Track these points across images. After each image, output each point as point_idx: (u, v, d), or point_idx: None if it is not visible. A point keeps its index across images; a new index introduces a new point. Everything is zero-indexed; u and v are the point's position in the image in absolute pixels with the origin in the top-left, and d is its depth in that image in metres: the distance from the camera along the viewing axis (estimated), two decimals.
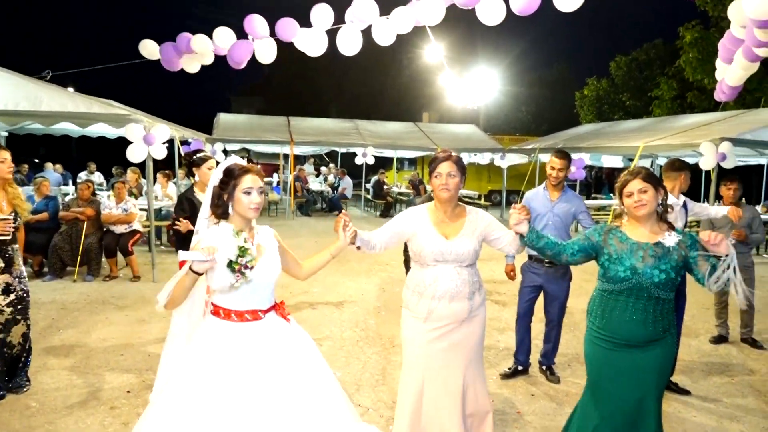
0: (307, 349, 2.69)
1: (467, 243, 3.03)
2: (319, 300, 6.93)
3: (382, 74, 36.27)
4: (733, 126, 10.70)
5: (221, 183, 2.54)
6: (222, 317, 2.52)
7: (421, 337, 3.05)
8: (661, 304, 2.68)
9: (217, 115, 17.45)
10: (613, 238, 2.80)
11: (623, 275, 2.68)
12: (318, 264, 2.86)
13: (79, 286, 7.32)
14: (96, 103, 7.76)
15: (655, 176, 2.72)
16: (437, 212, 3.12)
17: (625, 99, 24.34)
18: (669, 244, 2.67)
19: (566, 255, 2.92)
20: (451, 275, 3.01)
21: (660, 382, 2.74)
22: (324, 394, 2.64)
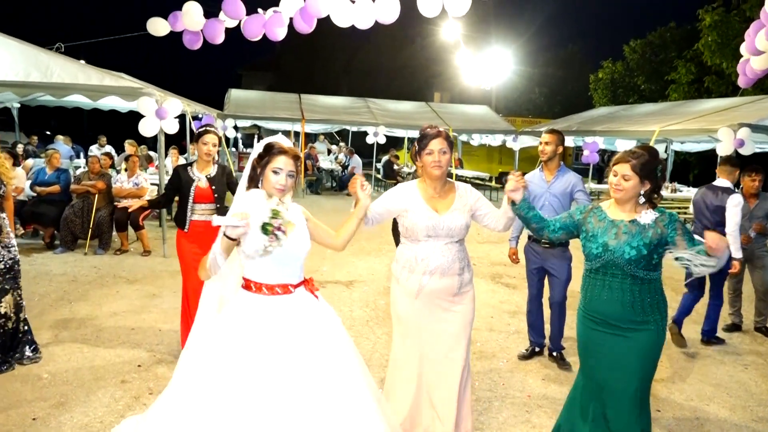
0: (334, 327, 2.71)
1: (459, 217, 3.05)
2: (328, 279, 6.92)
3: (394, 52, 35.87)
4: (752, 111, 10.49)
5: (258, 157, 2.59)
6: (253, 291, 2.55)
7: (414, 312, 3.08)
8: (640, 284, 2.66)
9: (229, 90, 17.33)
10: (593, 216, 2.83)
11: (596, 252, 2.72)
12: (350, 230, 2.87)
13: (90, 259, 7.35)
14: (108, 75, 7.70)
15: (649, 168, 2.63)
16: (427, 188, 3.12)
17: (641, 83, 23.95)
18: (644, 221, 2.66)
19: (548, 231, 2.97)
20: (443, 251, 3.03)
21: (643, 370, 2.70)
22: (347, 371, 2.65)
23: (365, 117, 16.48)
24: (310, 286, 2.70)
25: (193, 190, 4.18)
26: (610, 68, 25.26)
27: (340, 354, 2.64)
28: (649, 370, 2.75)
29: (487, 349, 4.86)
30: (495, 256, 8.45)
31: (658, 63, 23.51)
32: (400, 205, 3.10)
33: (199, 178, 4.20)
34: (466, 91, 28.82)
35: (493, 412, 3.73)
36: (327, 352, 2.58)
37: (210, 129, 4.23)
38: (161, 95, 7.67)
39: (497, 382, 4.21)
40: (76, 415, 3.44)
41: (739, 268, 5.02)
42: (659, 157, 2.69)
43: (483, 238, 9.89)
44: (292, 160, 2.58)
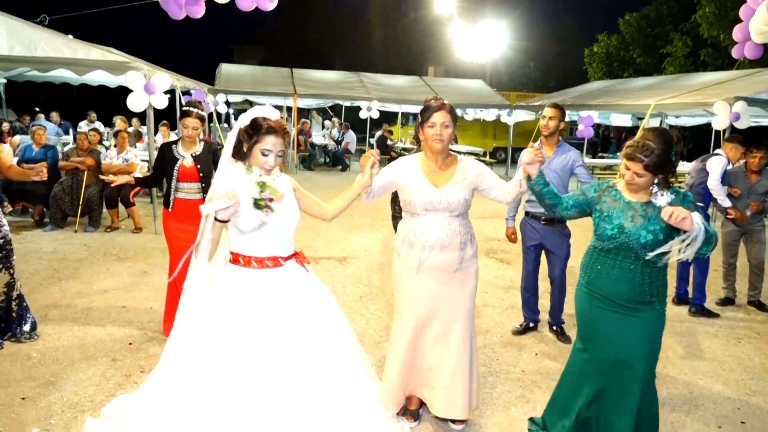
0: (325, 300, 2.68)
1: (457, 192, 2.98)
2: (322, 255, 6.88)
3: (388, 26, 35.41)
4: (748, 85, 10.41)
5: (245, 132, 2.46)
6: (242, 264, 2.50)
7: (413, 286, 3.03)
8: (651, 267, 2.60)
9: (220, 65, 17.08)
10: (608, 195, 2.74)
11: (610, 233, 2.64)
12: (343, 203, 2.82)
13: (80, 237, 7.27)
14: (94, 49, 7.52)
15: (663, 162, 2.51)
16: (428, 162, 3.06)
17: (636, 56, 23.75)
18: (660, 203, 2.57)
19: (560, 208, 2.89)
20: (442, 225, 2.98)
21: (648, 349, 2.67)
22: (339, 345, 2.64)
23: (358, 92, 16.30)
24: (301, 258, 2.65)
25: (177, 168, 4.09)
26: (606, 42, 25.02)
27: (331, 327, 2.62)
28: (655, 350, 2.71)
29: (481, 325, 4.84)
30: (489, 231, 8.40)
31: (653, 36, 23.29)
32: (400, 178, 3.04)
33: (184, 157, 4.12)
34: (460, 65, 28.54)
35: (488, 387, 3.72)
36: (318, 325, 2.55)
37: (191, 111, 4.09)
38: (150, 70, 7.51)
39: (491, 358, 4.20)
40: (66, 394, 3.40)
41: (737, 213, 5.10)
42: (673, 141, 2.54)
43: (478, 213, 9.83)
44: (281, 139, 2.48)
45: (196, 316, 2.49)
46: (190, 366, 2.37)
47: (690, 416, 3.48)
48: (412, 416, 3.21)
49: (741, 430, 3.36)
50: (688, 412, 3.53)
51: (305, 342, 2.48)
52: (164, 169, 4.14)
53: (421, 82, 18.37)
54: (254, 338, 2.39)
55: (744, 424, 3.43)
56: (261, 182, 2.33)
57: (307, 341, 2.49)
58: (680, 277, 5.55)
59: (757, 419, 3.49)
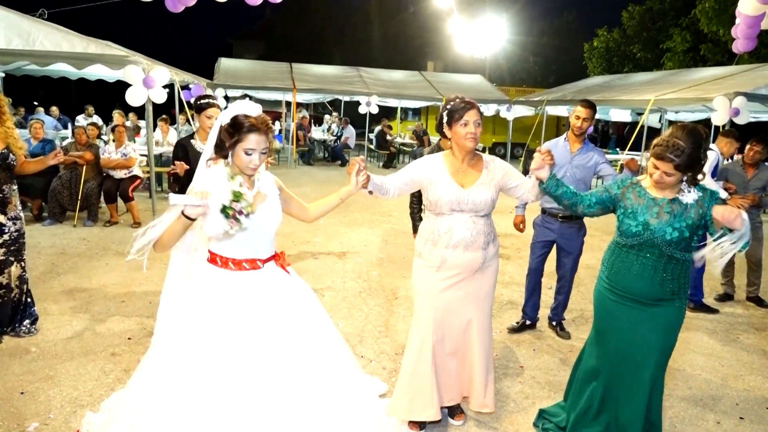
0: (307, 301, 2.65)
1: (484, 192, 2.97)
2: (321, 250, 6.88)
3: (387, 21, 35.34)
4: (747, 80, 10.40)
5: (227, 131, 2.37)
6: (219, 265, 2.45)
7: (434, 286, 3.01)
8: (673, 264, 2.57)
9: (219, 59, 17.04)
10: (632, 191, 2.70)
11: (635, 230, 2.60)
12: (326, 207, 2.79)
13: (79, 231, 7.26)
14: (93, 43, 7.51)
15: (693, 160, 2.45)
16: (454, 161, 3.03)
17: (636, 51, 23.72)
18: (686, 200, 2.53)
19: (583, 206, 2.85)
20: (467, 224, 2.96)
21: (664, 345, 2.66)
22: (325, 345, 2.62)
23: (357, 86, 16.27)
24: (281, 260, 2.60)
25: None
26: (606, 36, 24.98)
27: (312, 328, 2.58)
28: (669, 346, 2.70)
29: None
30: None
31: (655, 31, 23.25)
32: (425, 176, 3.02)
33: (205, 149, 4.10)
34: (459, 60, 28.50)
35: None
36: (298, 328, 2.51)
37: (213, 102, 4.06)
38: (148, 64, 7.50)
39: None
40: (65, 388, 3.40)
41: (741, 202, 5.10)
42: (702, 139, 2.48)
43: None
44: (264, 136, 2.38)
45: (176, 316, 2.47)
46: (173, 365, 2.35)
47: (688, 411, 3.49)
48: (417, 425, 3.10)
49: (739, 426, 3.36)
50: (686, 408, 3.53)
51: (284, 345, 2.44)
52: (191, 164, 4.09)
53: (420, 77, 18.34)
54: (234, 343, 2.35)
55: (742, 419, 3.43)
56: (237, 192, 2.27)
57: (286, 344, 2.45)
58: None
59: (755, 414, 3.50)
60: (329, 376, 2.58)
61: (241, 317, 2.40)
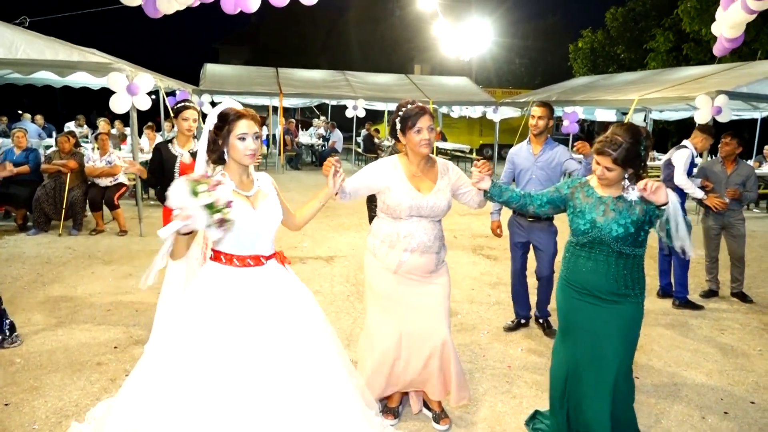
0: (305, 299, 2.67)
1: (442, 198, 3.02)
2: (309, 254, 6.87)
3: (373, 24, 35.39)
4: (729, 79, 10.53)
5: (216, 128, 2.44)
6: (224, 262, 2.48)
7: (392, 287, 3.04)
8: (624, 259, 2.66)
9: (204, 65, 16.98)
10: (581, 191, 2.80)
11: (583, 228, 2.71)
12: (309, 213, 2.81)
13: (64, 240, 7.20)
14: (76, 51, 7.46)
15: (631, 156, 2.55)
16: (410, 165, 3.05)
17: (620, 51, 23.91)
18: (631, 198, 2.63)
19: (534, 206, 2.95)
20: (426, 229, 3.01)
21: (625, 341, 2.70)
22: (322, 343, 2.62)
23: (344, 90, 16.27)
24: (281, 258, 2.64)
25: (178, 165, 4.07)
26: (590, 37, 25.17)
27: (312, 326, 2.61)
28: (631, 342, 2.74)
29: (468, 321, 4.86)
30: (476, 228, 8.43)
31: (638, 31, 23.46)
32: (382, 182, 3.02)
33: (182, 154, 4.10)
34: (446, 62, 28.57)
35: (474, 383, 3.73)
36: (300, 325, 2.54)
37: (189, 104, 4.09)
38: (132, 70, 7.45)
39: (478, 354, 4.22)
40: (50, 399, 3.37)
41: (715, 201, 5.21)
42: (642, 136, 2.59)
43: (464, 210, 9.87)
44: (253, 121, 2.45)
45: (177, 314, 2.47)
46: (171, 366, 2.35)
47: (674, 407, 3.52)
48: (391, 414, 3.21)
49: (724, 420, 3.40)
50: (672, 403, 3.56)
51: (287, 340, 2.47)
52: (164, 167, 4.10)
53: (407, 80, 18.37)
54: (236, 337, 2.37)
55: (727, 414, 3.47)
56: (209, 205, 2.18)
57: (288, 340, 2.47)
58: (661, 271, 5.62)
59: (740, 409, 3.53)
60: (322, 374, 2.58)
61: (247, 313, 2.42)
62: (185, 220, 2.18)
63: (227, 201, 2.23)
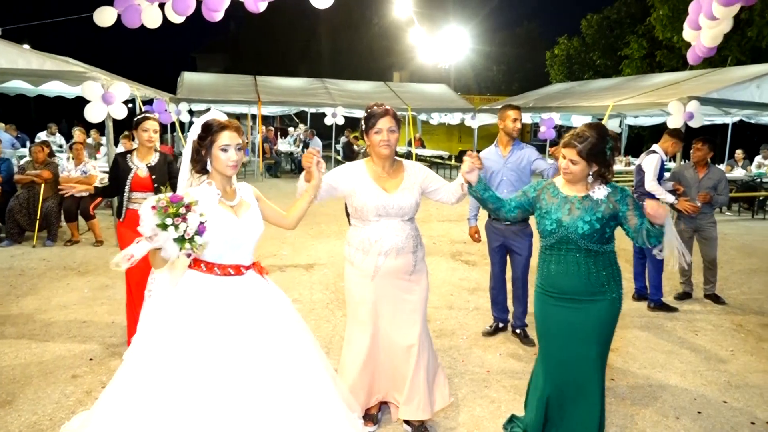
0: (285, 308, 2.67)
1: (409, 196, 3.03)
2: (288, 263, 6.85)
3: (352, 31, 35.48)
4: (700, 85, 10.77)
5: (199, 138, 2.47)
6: (204, 271, 2.48)
7: (371, 294, 3.04)
8: (594, 257, 2.69)
9: (182, 74, 16.90)
10: (546, 193, 2.84)
11: (550, 228, 2.74)
12: (301, 209, 2.83)
13: (38, 252, 7.09)
14: (50, 59, 7.39)
15: (594, 151, 2.62)
16: (375, 168, 3.07)
17: (596, 58, 24.32)
18: (597, 197, 2.68)
19: (504, 211, 2.99)
20: (396, 230, 3.01)
21: (601, 339, 2.74)
22: (303, 352, 2.62)
23: (323, 98, 16.29)
24: (259, 268, 2.66)
25: (130, 178, 4.05)
26: (566, 44, 25.56)
27: (294, 334, 2.61)
28: (607, 339, 2.78)
29: (446, 327, 4.89)
30: (455, 234, 8.49)
31: (613, 38, 23.88)
32: (348, 185, 3.04)
33: (138, 167, 4.07)
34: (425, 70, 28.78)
35: (453, 388, 3.74)
36: (281, 333, 2.55)
37: (149, 115, 4.09)
38: (107, 79, 7.40)
39: (457, 359, 4.24)
40: (23, 413, 3.31)
41: (686, 205, 5.31)
42: (608, 136, 2.66)
43: (443, 216, 9.92)
44: (236, 132, 2.49)
45: (156, 324, 2.46)
46: (150, 377, 2.33)
47: (649, 408, 3.57)
48: (371, 420, 3.21)
49: (698, 420, 3.46)
50: (647, 405, 3.62)
51: (268, 349, 2.47)
52: (118, 179, 4.09)
53: (385, 88, 18.46)
54: (217, 346, 2.37)
55: (700, 413, 3.53)
56: (177, 238, 2.15)
57: (269, 348, 2.47)
58: (636, 274, 5.70)
59: (713, 408, 3.60)
60: (305, 383, 2.58)
61: (228, 322, 2.42)
62: (153, 243, 2.19)
63: (198, 226, 2.19)
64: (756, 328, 5.03)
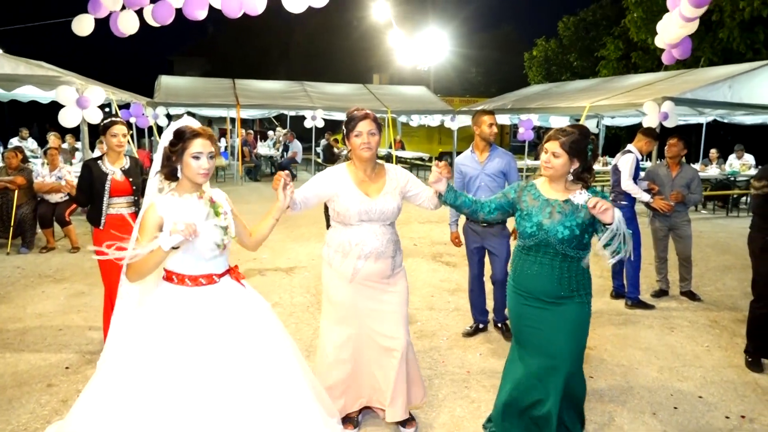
0: (263, 314, 2.65)
1: (391, 201, 3.03)
2: (268, 266, 6.82)
3: (331, 34, 35.46)
4: (674, 85, 10.95)
5: (171, 144, 2.44)
6: (175, 282, 2.45)
7: (349, 295, 3.05)
8: (569, 262, 2.71)
9: (159, 77, 16.74)
10: (527, 194, 2.85)
11: (530, 231, 2.75)
12: (265, 231, 2.79)
13: (13, 259, 6.97)
14: (23, 64, 7.28)
15: (576, 147, 2.65)
16: (357, 171, 3.07)
17: (573, 59, 24.59)
18: (578, 201, 2.68)
19: (483, 213, 2.99)
20: (377, 234, 3.01)
21: (574, 339, 2.76)
22: (280, 358, 2.60)
23: (302, 101, 16.24)
24: (236, 274, 2.62)
25: (109, 183, 3.99)
26: (544, 46, 25.80)
27: (271, 342, 2.59)
28: (579, 340, 2.80)
29: (427, 328, 4.90)
30: (436, 236, 8.51)
31: (589, 40, 24.16)
32: (330, 189, 3.03)
33: (114, 171, 4.01)
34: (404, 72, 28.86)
35: (434, 389, 3.76)
36: (256, 342, 2.52)
37: (116, 120, 4.03)
38: (82, 83, 7.31)
39: (437, 360, 4.25)
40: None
41: (661, 203, 5.39)
42: (590, 136, 2.70)
43: (424, 218, 9.95)
44: (209, 140, 2.45)
45: (127, 336, 2.43)
46: (123, 388, 2.30)
47: (626, 405, 3.62)
48: (351, 423, 3.20)
49: (674, 415, 3.51)
50: (625, 401, 3.66)
51: (242, 358, 2.44)
52: (94, 186, 4.01)
53: (365, 90, 18.46)
54: (188, 358, 2.34)
55: (677, 409, 3.58)
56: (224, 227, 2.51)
57: (244, 357, 2.45)
58: (614, 272, 5.76)
59: (689, 404, 3.65)
60: (284, 390, 2.57)
61: (200, 334, 2.39)
62: (189, 235, 2.25)
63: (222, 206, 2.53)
64: (730, 324, 5.12)
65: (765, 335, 4.18)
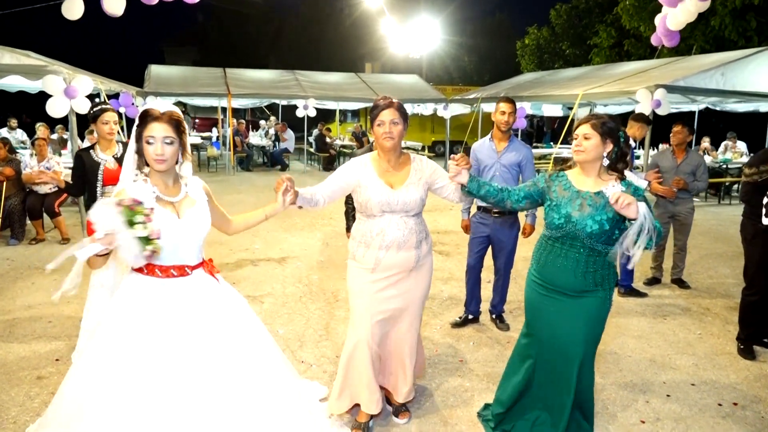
0: (237, 307, 2.61)
1: (413, 192, 2.97)
2: (260, 257, 6.78)
3: (322, 22, 35.22)
4: (666, 73, 10.93)
5: (137, 127, 2.36)
6: (145, 273, 2.39)
7: (370, 287, 3.00)
8: (596, 256, 2.64)
9: (149, 66, 16.56)
10: (557, 184, 2.77)
11: (557, 222, 2.67)
12: (250, 222, 2.76)
13: (2, 251, 6.89)
14: (8, 53, 7.16)
15: (610, 128, 2.58)
16: (381, 162, 3.02)
17: (565, 47, 24.51)
18: (610, 193, 2.50)
19: (511, 201, 2.91)
20: (399, 225, 2.96)
21: (590, 334, 2.73)
22: (256, 351, 2.59)
23: (294, 90, 16.12)
24: (209, 267, 2.57)
25: (101, 173, 3.93)
26: (536, 34, 25.70)
27: (243, 335, 2.55)
28: (595, 335, 2.78)
29: None
30: (429, 223, 8.44)
31: (582, 28, 24.08)
32: (353, 179, 2.99)
33: (106, 160, 3.95)
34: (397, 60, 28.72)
35: (427, 378, 3.75)
36: (227, 335, 2.48)
37: (106, 108, 3.96)
38: (70, 73, 7.21)
39: (431, 349, 4.24)
40: None
41: (663, 189, 5.36)
42: (623, 129, 2.65)
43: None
44: (167, 125, 2.32)
45: (100, 329, 2.39)
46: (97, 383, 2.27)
47: (619, 393, 3.62)
48: (360, 429, 3.09)
49: (667, 403, 3.51)
50: (618, 389, 3.67)
51: (213, 350, 2.41)
52: (87, 175, 3.95)
53: (357, 79, 18.35)
54: (160, 350, 2.30)
55: (669, 396, 3.59)
56: (143, 237, 2.13)
57: (215, 349, 2.42)
58: None
59: (681, 391, 3.66)
60: (261, 381, 2.55)
61: (169, 325, 2.35)
62: (108, 245, 2.10)
63: (159, 231, 2.18)
64: (722, 311, 5.14)
65: (757, 322, 4.20)
